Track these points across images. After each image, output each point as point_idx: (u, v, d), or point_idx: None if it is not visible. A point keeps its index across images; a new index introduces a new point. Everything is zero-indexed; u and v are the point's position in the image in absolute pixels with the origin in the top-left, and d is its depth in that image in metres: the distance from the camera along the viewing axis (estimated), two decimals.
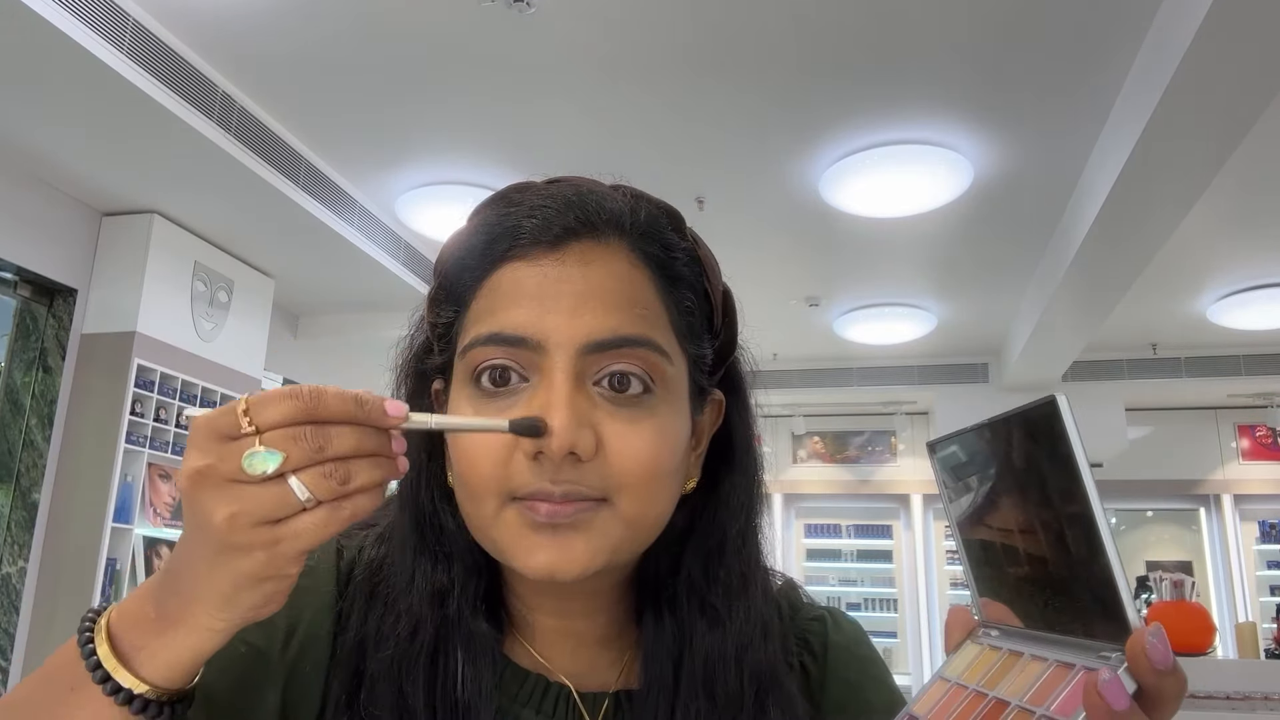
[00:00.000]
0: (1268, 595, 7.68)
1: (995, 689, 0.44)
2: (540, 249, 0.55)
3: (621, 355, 0.54)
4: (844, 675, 0.68)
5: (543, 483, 0.52)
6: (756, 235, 4.93)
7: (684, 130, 3.91)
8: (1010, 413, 0.44)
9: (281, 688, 0.58)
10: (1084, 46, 3.26)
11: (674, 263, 0.59)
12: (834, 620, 0.71)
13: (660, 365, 0.55)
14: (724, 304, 0.63)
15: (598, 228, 0.56)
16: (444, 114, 3.83)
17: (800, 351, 7.10)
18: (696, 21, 3.19)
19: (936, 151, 3.96)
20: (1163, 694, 0.38)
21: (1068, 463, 0.40)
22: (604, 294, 0.54)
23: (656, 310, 0.56)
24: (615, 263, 0.56)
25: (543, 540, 0.53)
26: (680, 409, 0.57)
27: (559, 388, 0.52)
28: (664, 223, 0.60)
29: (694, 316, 0.59)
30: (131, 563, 4.17)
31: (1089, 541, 0.39)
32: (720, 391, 0.64)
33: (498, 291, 0.56)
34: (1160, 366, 6.77)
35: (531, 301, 0.54)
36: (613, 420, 0.54)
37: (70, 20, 2.95)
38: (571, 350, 0.53)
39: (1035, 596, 0.45)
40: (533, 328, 0.53)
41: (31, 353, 4.23)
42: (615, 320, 0.54)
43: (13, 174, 3.94)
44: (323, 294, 5.43)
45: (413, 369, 0.63)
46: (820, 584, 8.50)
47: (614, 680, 0.63)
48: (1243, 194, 4.26)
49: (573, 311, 0.53)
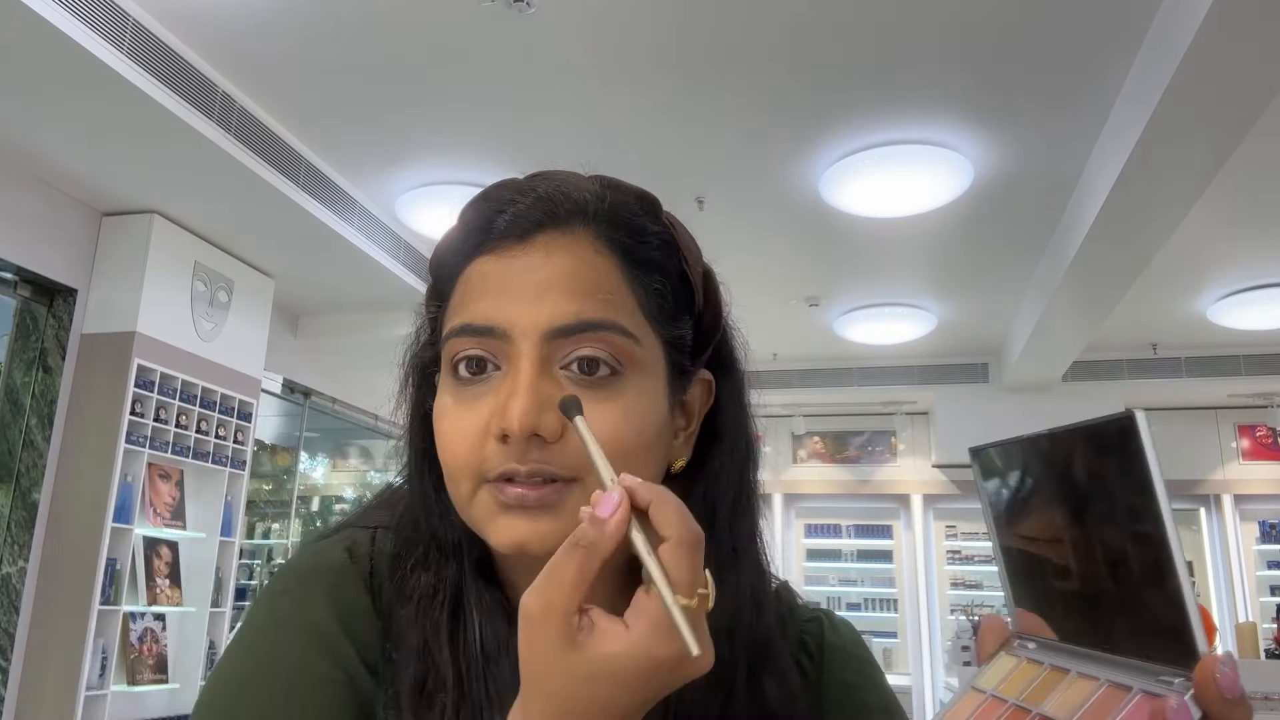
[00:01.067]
0: (1268, 595, 7.68)
1: (1040, 705, 0.43)
2: (508, 242, 0.57)
3: (585, 339, 0.55)
4: (841, 676, 0.69)
5: (510, 463, 0.54)
6: (756, 235, 4.93)
7: (684, 130, 3.91)
8: (1078, 425, 0.43)
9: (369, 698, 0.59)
10: (1084, 47, 3.26)
11: (643, 247, 0.60)
12: (830, 622, 0.72)
13: (627, 347, 0.56)
14: (705, 285, 0.64)
15: (561, 218, 0.58)
16: (444, 114, 3.83)
17: (800, 351, 7.10)
18: (696, 22, 3.19)
19: (936, 151, 3.96)
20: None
21: (1142, 481, 0.38)
22: (566, 281, 0.56)
23: (622, 294, 0.58)
24: (578, 250, 0.57)
25: (514, 519, 0.55)
26: (652, 390, 0.58)
27: (523, 373, 0.54)
28: (634, 208, 0.61)
29: (665, 299, 0.60)
30: (131, 563, 4.18)
31: (1158, 563, 0.38)
32: (709, 371, 0.64)
33: (469, 285, 0.58)
34: (1160, 366, 6.77)
35: (497, 292, 0.56)
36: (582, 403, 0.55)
37: (70, 20, 2.95)
38: (535, 336, 0.55)
39: (1083, 612, 0.43)
40: (498, 316, 0.56)
41: (31, 353, 4.23)
42: (577, 305, 0.55)
43: (13, 174, 3.94)
44: (323, 294, 5.43)
45: (416, 363, 0.65)
46: (820, 584, 8.50)
47: None
48: (1243, 194, 4.26)
49: (535, 300, 0.55)
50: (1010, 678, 0.46)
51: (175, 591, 4.45)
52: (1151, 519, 0.38)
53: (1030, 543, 0.48)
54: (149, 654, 4.29)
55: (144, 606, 4.25)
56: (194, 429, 4.54)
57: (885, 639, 8.09)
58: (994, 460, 0.50)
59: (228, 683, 0.58)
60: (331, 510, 8.07)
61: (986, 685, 0.47)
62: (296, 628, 0.59)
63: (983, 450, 0.50)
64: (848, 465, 8.48)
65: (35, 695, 3.92)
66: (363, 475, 8.34)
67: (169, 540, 4.47)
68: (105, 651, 4.04)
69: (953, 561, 8.31)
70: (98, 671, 3.99)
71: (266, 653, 0.58)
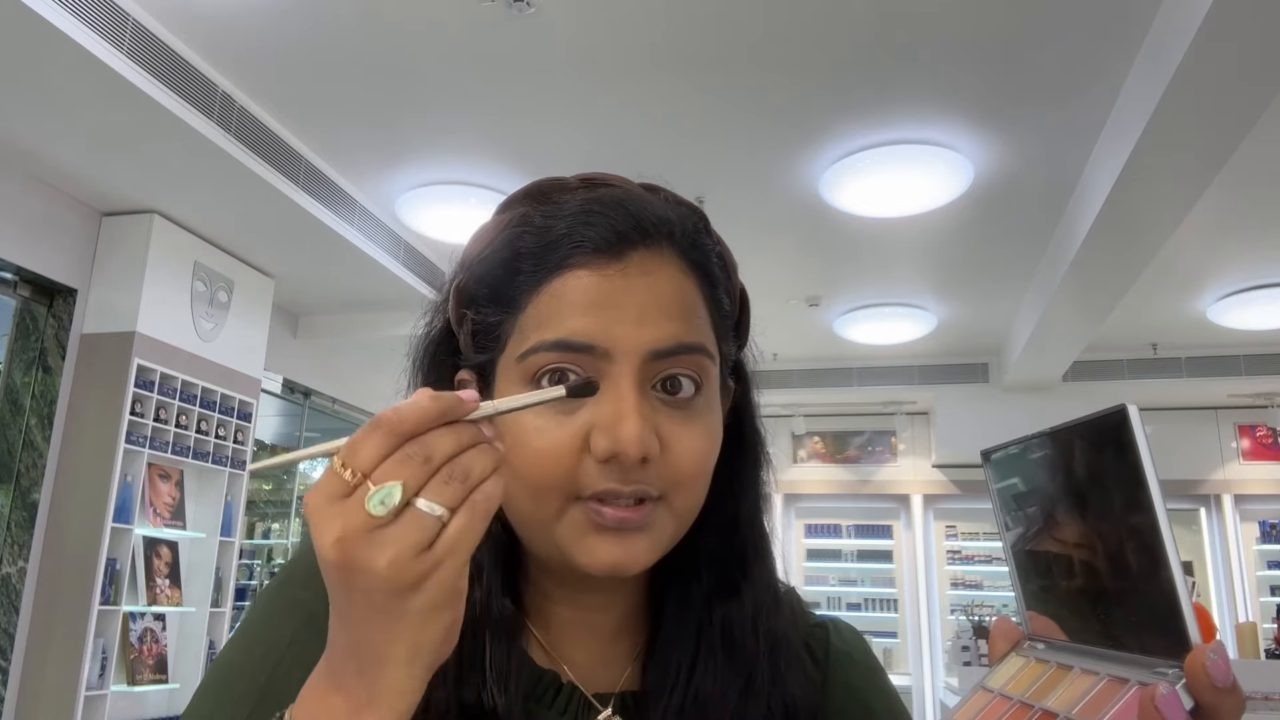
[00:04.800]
0: (1268, 595, 7.69)
1: (1043, 700, 0.43)
2: (602, 258, 0.57)
3: (679, 361, 0.57)
4: (846, 680, 0.70)
5: (612, 483, 0.55)
6: (756, 235, 4.93)
7: (684, 130, 3.91)
8: (1074, 421, 0.43)
9: None
10: (1084, 47, 3.26)
11: (712, 265, 0.62)
12: (835, 628, 0.73)
13: (708, 367, 0.59)
14: (741, 300, 0.66)
15: (651, 236, 0.59)
16: (444, 114, 3.83)
17: (800, 351, 7.10)
18: (696, 22, 3.19)
19: (936, 151, 3.96)
20: (1220, 712, 0.38)
21: (1135, 472, 0.39)
22: (665, 303, 0.57)
23: (703, 314, 0.60)
24: (670, 271, 0.59)
25: (607, 540, 0.56)
26: (718, 405, 0.61)
27: (628, 396, 0.55)
28: (699, 224, 0.63)
29: (726, 317, 0.63)
30: (131, 563, 4.18)
31: (1152, 554, 0.39)
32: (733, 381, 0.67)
33: (562, 298, 0.57)
34: (1160, 366, 6.77)
35: (598, 310, 0.56)
36: (670, 422, 0.57)
37: (70, 20, 2.95)
38: (637, 359, 0.55)
39: (1089, 610, 0.44)
40: (600, 336, 0.55)
41: (31, 353, 4.23)
42: (675, 328, 0.57)
43: (13, 174, 3.94)
44: (323, 294, 5.43)
45: (432, 360, 0.65)
46: (820, 584, 8.50)
47: (621, 675, 0.65)
48: (1243, 194, 4.26)
49: (638, 321, 0.56)
50: (1017, 677, 0.46)
51: (175, 591, 4.45)
52: (1145, 511, 0.39)
53: (1039, 543, 0.48)
54: (149, 654, 4.29)
55: (144, 606, 4.25)
56: (194, 429, 4.54)
57: (885, 639, 8.09)
58: (1004, 461, 0.50)
59: (222, 665, 0.60)
60: None
61: (994, 685, 0.47)
62: (289, 612, 0.60)
63: (992, 452, 0.51)
64: (848, 465, 8.48)
65: (35, 695, 3.92)
66: None
67: (169, 540, 4.47)
68: (105, 651, 4.04)
69: (953, 561, 8.31)
70: (97, 671, 3.99)
71: (259, 636, 0.60)
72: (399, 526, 0.42)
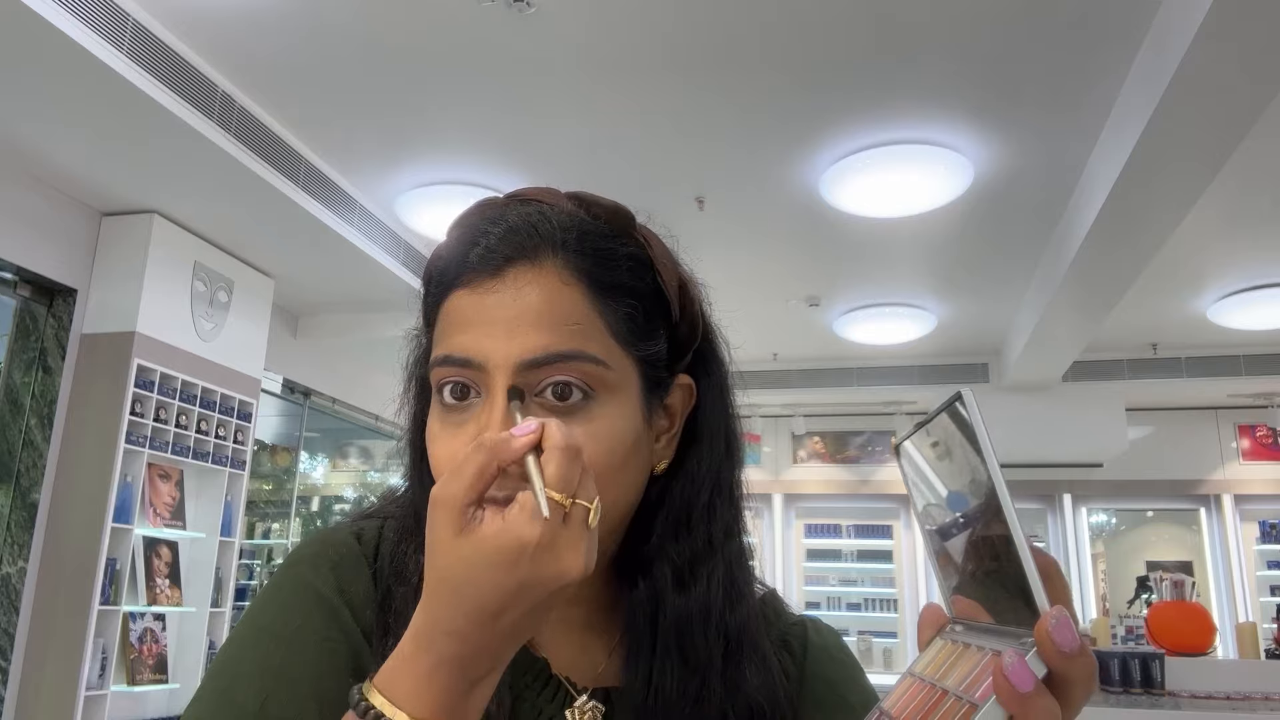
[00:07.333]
0: (1268, 595, 7.69)
1: (944, 680, 0.45)
2: (482, 276, 0.61)
3: (556, 369, 0.58)
4: (822, 674, 0.72)
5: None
6: (756, 235, 4.93)
7: (684, 130, 3.91)
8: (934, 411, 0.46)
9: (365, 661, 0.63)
10: (1084, 46, 3.26)
11: (612, 272, 0.62)
12: (814, 625, 0.76)
13: (597, 373, 0.60)
14: (681, 295, 0.66)
15: (530, 251, 0.61)
16: (444, 114, 3.83)
17: (800, 351, 7.10)
18: (697, 21, 3.19)
19: (936, 151, 3.96)
20: (1070, 676, 0.39)
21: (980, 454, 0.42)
22: (535, 316, 0.59)
23: (590, 322, 0.61)
24: (546, 283, 0.60)
25: None
26: (624, 409, 0.61)
27: (498, 406, 0.58)
28: (604, 230, 0.64)
29: (637, 319, 0.63)
30: (131, 563, 4.18)
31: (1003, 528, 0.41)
32: (688, 376, 0.68)
33: (449, 318, 0.62)
34: (1160, 366, 6.77)
35: (473, 326, 0.60)
36: None
37: (70, 20, 2.95)
38: (509, 370, 0.58)
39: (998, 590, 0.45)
40: (474, 350, 0.59)
41: (31, 353, 4.23)
42: (546, 339, 0.58)
43: (13, 174, 3.94)
44: (323, 294, 5.44)
45: (415, 372, 0.69)
46: (820, 584, 8.50)
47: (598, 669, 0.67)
48: (1243, 194, 4.26)
49: (508, 335, 0.59)
50: (934, 660, 0.48)
51: (175, 591, 4.45)
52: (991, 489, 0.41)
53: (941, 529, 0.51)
54: (149, 654, 4.29)
55: (144, 606, 4.25)
56: (194, 429, 4.54)
57: (885, 639, 8.09)
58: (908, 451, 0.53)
59: (235, 643, 0.63)
60: (331, 510, 8.07)
61: (917, 669, 0.49)
62: (300, 595, 0.63)
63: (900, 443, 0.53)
64: (848, 465, 8.48)
65: (35, 695, 3.92)
66: (363, 475, 8.34)
67: (169, 540, 4.47)
68: (105, 651, 4.04)
69: None
70: (97, 671, 3.99)
71: (271, 617, 0.63)
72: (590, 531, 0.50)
